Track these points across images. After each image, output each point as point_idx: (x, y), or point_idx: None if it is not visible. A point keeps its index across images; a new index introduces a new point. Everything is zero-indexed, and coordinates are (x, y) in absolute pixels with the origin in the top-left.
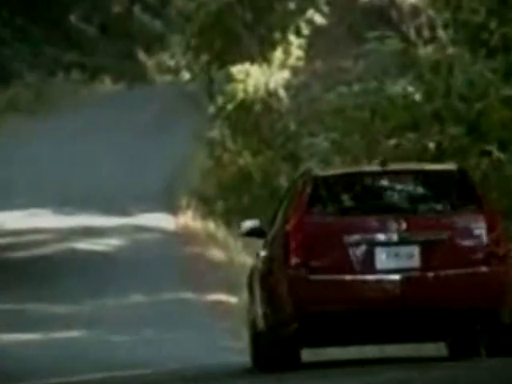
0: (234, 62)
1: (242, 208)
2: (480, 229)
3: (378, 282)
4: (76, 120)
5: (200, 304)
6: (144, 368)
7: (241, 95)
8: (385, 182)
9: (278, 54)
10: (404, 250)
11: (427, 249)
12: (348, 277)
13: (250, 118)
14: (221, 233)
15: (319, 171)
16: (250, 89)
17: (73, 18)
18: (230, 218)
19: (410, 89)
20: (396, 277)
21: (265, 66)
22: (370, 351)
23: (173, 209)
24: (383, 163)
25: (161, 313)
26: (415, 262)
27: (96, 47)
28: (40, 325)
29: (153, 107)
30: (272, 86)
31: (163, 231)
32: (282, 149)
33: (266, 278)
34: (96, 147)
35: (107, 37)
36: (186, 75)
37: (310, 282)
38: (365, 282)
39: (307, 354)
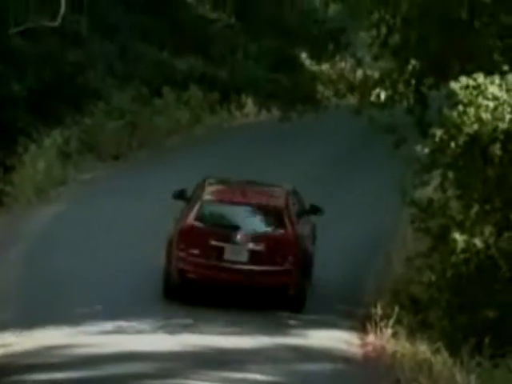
0: (458, 73)
1: (481, 321)
2: (282, 243)
3: (224, 267)
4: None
5: None
6: None
7: (471, 128)
8: (239, 209)
9: None
10: (240, 251)
11: (252, 252)
12: (208, 261)
13: (488, 167)
14: (442, 364)
15: (207, 196)
16: (487, 116)
17: None
18: (458, 337)
19: None
20: (234, 265)
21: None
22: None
23: (357, 319)
24: (244, 195)
25: None
26: (245, 258)
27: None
28: None
29: (322, 145)
30: None
31: (340, 359)
32: None
33: (167, 252)
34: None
35: None
36: (377, 95)
37: (188, 261)
38: (216, 266)
39: None
